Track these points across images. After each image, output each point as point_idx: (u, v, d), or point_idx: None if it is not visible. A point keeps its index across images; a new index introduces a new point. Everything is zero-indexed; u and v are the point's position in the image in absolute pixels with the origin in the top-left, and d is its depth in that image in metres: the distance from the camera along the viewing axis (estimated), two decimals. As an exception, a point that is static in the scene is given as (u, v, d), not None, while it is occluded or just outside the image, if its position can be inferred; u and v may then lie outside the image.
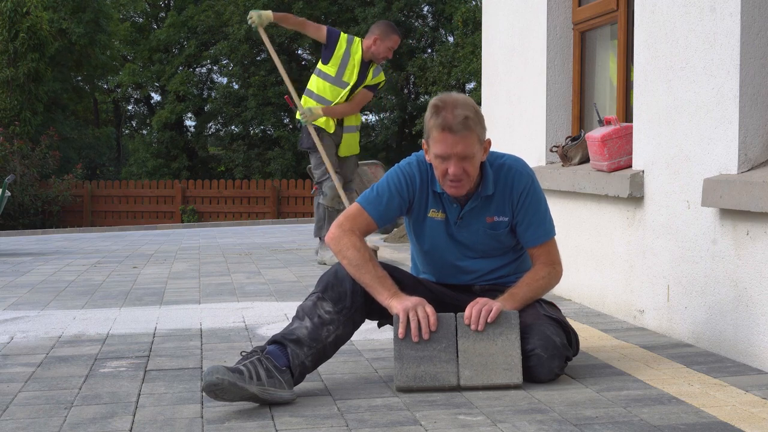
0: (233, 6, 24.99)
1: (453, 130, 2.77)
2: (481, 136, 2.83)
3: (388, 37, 6.20)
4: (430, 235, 3.01)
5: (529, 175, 2.98)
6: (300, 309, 2.82)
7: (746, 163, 3.08)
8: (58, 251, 8.90)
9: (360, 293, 2.82)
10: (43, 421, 2.51)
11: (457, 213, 2.95)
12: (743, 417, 2.41)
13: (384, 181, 2.98)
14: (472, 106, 2.84)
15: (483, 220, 2.96)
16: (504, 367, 2.74)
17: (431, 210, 2.98)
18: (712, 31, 3.22)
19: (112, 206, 20.07)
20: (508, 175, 2.95)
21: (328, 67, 6.26)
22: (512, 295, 2.87)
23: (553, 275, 2.99)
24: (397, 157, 24.71)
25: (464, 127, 2.77)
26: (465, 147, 2.78)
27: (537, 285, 2.93)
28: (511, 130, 5.43)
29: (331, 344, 2.79)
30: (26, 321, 4.24)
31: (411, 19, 25.62)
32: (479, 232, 2.97)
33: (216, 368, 2.52)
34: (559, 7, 4.90)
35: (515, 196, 2.95)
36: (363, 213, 2.94)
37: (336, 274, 2.85)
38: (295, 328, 2.76)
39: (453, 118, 2.77)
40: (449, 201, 2.95)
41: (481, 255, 3.02)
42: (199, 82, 28.29)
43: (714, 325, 3.24)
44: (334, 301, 2.80)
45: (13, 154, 18.92)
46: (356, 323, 2.87)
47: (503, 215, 2.96)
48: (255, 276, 5.96)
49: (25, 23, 20.91)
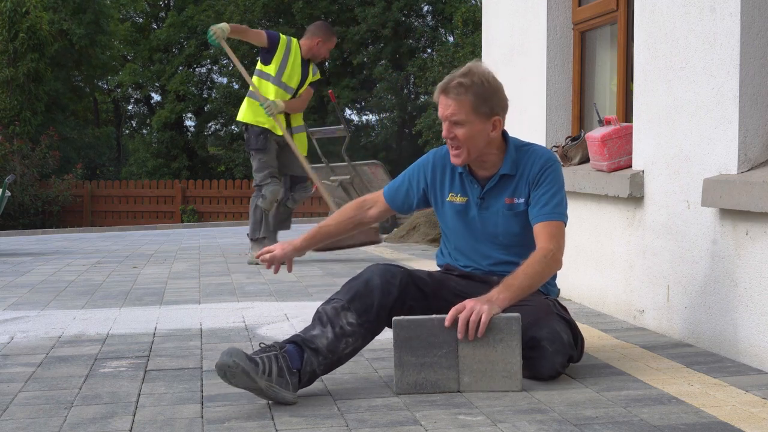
0: (233, 6, 24.99)
1: (446, 92, 2.90)
2: (477, 105, 2.88)
3: (329, 39, 6.66)
4: (452, 220, 3.08)
5: (550, 158, 3.03)
6: (323, 312, 2.78)
7: (746, 163, 3.08)
8: (58, 251, 8.90)
9: (386, 308, 2.81)
10: (43, 421, 2.51)
11: (479, 193, 3.02)
12: (743, 417, 2.41)
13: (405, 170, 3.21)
14: (483, 78, 2.89)
15: (502, 201, 3.01)
16: (503, 374, 2.72)
17: (450, 194, 3.06)
18: (712, 31, 3.22)
19: (112, 206, 20.07)
20: (530, 156, 3.03)
21: (268, 67, 6.57)
22: (507, 285, 2.77)
23: (551, 260, 2.88)
24: (397, 157, 24.72)
25: (456, 92, 2.87)
26: (454, 110, 2.88)
27: (533, 271, 2.82)
28: (511, 130, 5.39)
29: (348, 355, 2.79)
30: (26, 321, 4.24)
31: (411, 18, 25.61)
32: (499, 213, 3.01)
33: (236, 351, 2.53)
34: (559, 7, 4.90)
35: (533, 174, 2.99)
36: (380, 192, 3.23)
37: (367, 284, 2.82)
38: (317, 336, 2.73)
39: (450, 80, 2.89)
40: (470, 182, 3.03)
41: (501, 243, 3.04)
42: (199, 82, 28.30)
43: (714, 325, 3.24)
44: (359, 312, 2.77)
45: (13, 154, 18.92)
46: (376, 334, 2.86)
47: (521, 197, 3.00)
48: (255, 276, 5.96)
49: (25, 23, 20.91)
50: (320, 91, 24.77)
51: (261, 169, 6.49)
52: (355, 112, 27.71)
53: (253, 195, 6.66)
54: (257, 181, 6.54)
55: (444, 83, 2.91)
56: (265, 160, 6.48)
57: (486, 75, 2.92)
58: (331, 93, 9.05)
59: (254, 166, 6.59)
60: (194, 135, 28.24)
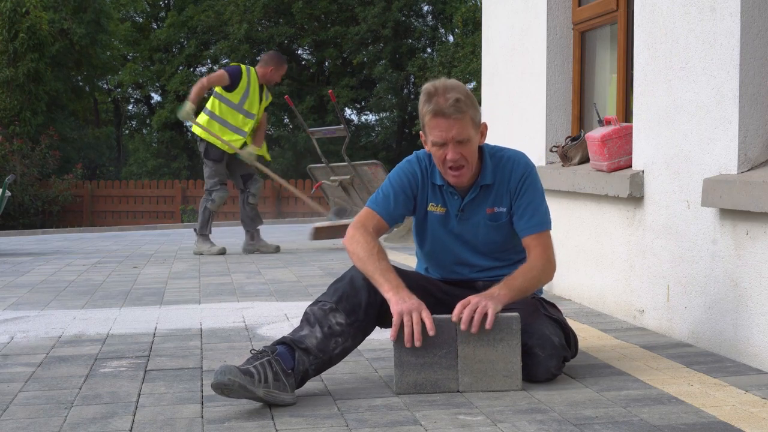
0: (233, 6, 24.98)
1: (446, 114, 2.78)
2: (474, 118, 2.84)
3: (281, 66, 7.73)
4: (432, 231, 3.01)
5: (527, 165, 2.98)
6: (311, 314, 2.79)
7: (746, 163, 3.08)
8: (58, 251, 8.90)
9: (375, 305, 2.80)
10: (43, 421, 2.51)
11: (458, 205, 2.96)
12: (743, 417, 2.41)
13: (387, 182, 3.01)
14: (464, 88, 2.84)
15: (483, 212, 2.96)
16: (504, 374, 2.73)
17: (430, 204, 2.98)
18: (712, 31, 3.22)
19: (112, 206, 20.05)
20: (507, 165, 2.96)
21: (231, 95, 7.55)
22: (507, 284, 2.80)
23: (548, 268, 2.94)
24: (397, 157, 24.70)
25: (456, 110, 2.78)
26: (459, 130, 2.79)
27: (532, 276, 2.87)
28: (511, 130, 5.43)
29: (338, 355, 2.79)
30: (26, 321, 4.24)
31: (411, 18, 25.61)
32: (480, 224, 2.97)
33: (228, 369, 2.52)
34: (559, 7, 4.91)
35: (513, 184, 2.95)
36: (372, 213, 2.97)
37: (352, 283, 2.82)
38: (306, 336, 2.74)
39: (444, 102, 2.78)
40: (450, 193, 2.95)
41: (482, 251, 3.01)
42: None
43: (714, 325, 3.24)
44: (347, 312, 2.77)
45: (13, 153, 18.91)
46: (367, 333, 2.86)
47: (502, 206, 2.96)
48: (255, 276, 5.96)
49: (25, 23, 20.89)
50: (320, 91, 24.82)
51: (212, 176, 7.69)
52: (355, 112, 27.70)
53: (203, 197, 7.82)
54: (208, 186, 7.73)
55: (437, 106, 2.78)
56: (215, 169, 7.67)
57: (461, 85, 2.87)
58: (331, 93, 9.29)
59: (206, 173, 7.74)
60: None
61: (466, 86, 2.89)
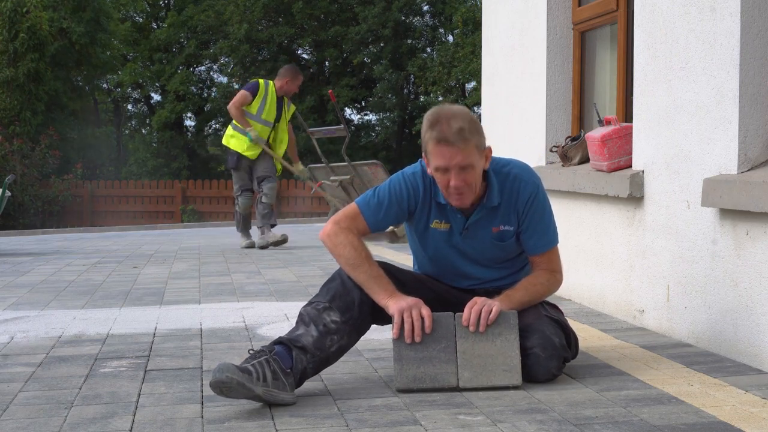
0: (233, 6, 24.97)
1: (449, 141, 2.73)
2: (478, 144, 2.78)
3: (296, 77, 8.26)
4: (434, 244, 2.99)
5: (534, 184, 2.93)
6: (305, 314, 2.80)
7: (746, 163, 3.08)
8: (58, 251, 8.90)
9: (368, 303, 2.80)
10: (43, 421, 2.51)
11: (462, 224, 2.92)
12: (743, 417, 2.41)
13: (386, 188, 2.95)
14: (468, 115, 2.79)
15: (489, 230, 2.93)
16: (503, 368, 2.74)
17: (434, 221, 2.95)
18: (712, 31, 3.22)
19: (112, 206, 20.04)
20: (514, 184, 2.91)
21: (250, 106, 8.10)
22: (508, 296, 2.85)
23: (553, 282, 2.98)
24: (397, 157, 24.71)
25: (460, 137, 2.72)
26: (463, 157, 2.74)
27: (534, 290, 2.91)
28: (511, 130, 5.43)
29: (335, 353, 2.79)
30: (26, 321, 4.24)
31: (411, 18, 25.61)
32: (486, 242, 2.95)
33: (226, 366, 2.52)
34: (559, 7, 4.91)
35: (521, 205, 2.91)
36: (359, 216, 2.92)
37: (344, 283, 2.82)
38: (301, 334, 2.74)
39: (448, 129, 2.72)
40: (453, 212, 2.91)
41: (485, 265, 3.01)
42: (199, 81, 28.28)
43: (714, 325, 3.24)
44: (341, 310, 2.78)
45: (13, 153, 18.91)
46: (362, 331, 2.86)
47: (509, 224, 2.93)
48: (255, 276, 5.96)
49: (25, 23, 20.88)
50: (320, 91, 24.81)
51: (235, 183, 8.36)
52: (355, 111, 27.70)
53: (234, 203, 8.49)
54: (234, 192, 8.40)
55: (440, 134, 2.73)
56: (236, 177, 8.31)
57: (467, 111, 2.82)
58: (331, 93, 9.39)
59: (233, 180, 8.41)
60: (194, 135, 28.22)
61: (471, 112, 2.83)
